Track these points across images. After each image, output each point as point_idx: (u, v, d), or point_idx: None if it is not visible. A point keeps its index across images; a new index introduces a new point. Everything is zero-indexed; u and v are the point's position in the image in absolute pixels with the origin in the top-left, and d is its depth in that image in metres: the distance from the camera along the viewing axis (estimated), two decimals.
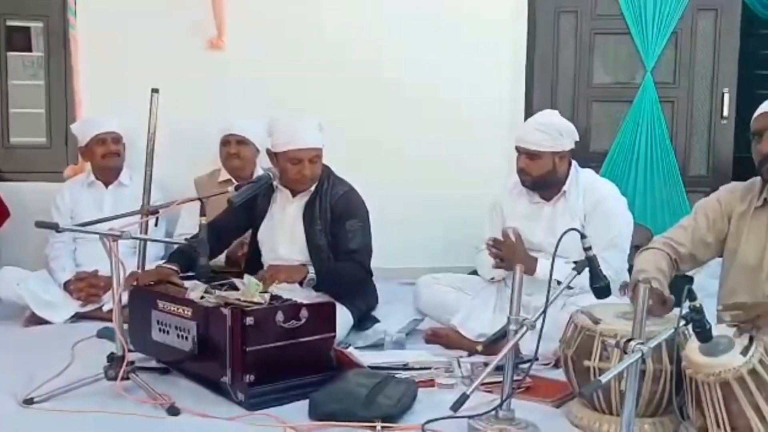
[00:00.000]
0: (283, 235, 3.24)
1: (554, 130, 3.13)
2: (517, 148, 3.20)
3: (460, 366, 2.85)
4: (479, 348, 2.99)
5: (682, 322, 2.07)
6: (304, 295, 2.92)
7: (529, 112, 4.43)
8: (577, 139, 3.22)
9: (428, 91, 4.45)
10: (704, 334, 2.09)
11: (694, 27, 4.71)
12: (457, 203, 4.29)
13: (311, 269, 3.05)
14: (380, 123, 4.43)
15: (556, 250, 2.31)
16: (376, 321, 3.33)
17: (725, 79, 4.74)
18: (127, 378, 2.55)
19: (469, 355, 3.05)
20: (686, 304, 2.06)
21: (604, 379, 1.91)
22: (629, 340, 2.00)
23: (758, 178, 2.52)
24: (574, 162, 3.24)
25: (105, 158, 3.91)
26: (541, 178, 3.16)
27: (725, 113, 4.73)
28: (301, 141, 3.12)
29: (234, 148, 4.00)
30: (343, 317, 3.09)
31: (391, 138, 4.44)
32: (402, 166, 4.45)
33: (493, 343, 3.03)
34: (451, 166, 4.47)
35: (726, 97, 4.71)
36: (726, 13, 4.71)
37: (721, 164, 4.78)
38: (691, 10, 4.64)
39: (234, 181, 3.90)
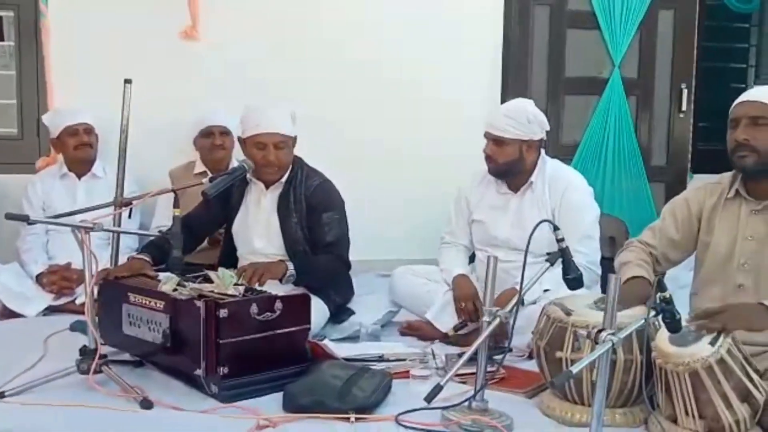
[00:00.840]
0: (259, 228, 3.22)
1: (523, 117, 3.12)
2: (485, 134, 3.20)
3: (434, 357, 2.86)
4: (450, 333, 3.02)
5: (652, 313, 2.10)
6: (281, 288, 2.91)
7: None
8: (548, 129, 3.23)
9: (408, 90, 4.46)
10: (674, 325, 2.12)
11: (655, 24, 4.86)
12: (434, 195, 4.29)
13: (290, 265, 3.02)
14: (369, 120, 4.43)
15: (528, 244, 2.32)
16: (352, 313, 3.33)
17: (683, 75, 4.93)
18: (100, 371, 2.53)
19: (444, 338, 3.06)
20: (657, 295, 2.09)
21: (575, 369, 1.93)
22: (600, 331, 2.02)
23: (728, 174, 2.55)
24: (542, 152, 3.24)
25: (77, 150, 3.87)
26: (506, 166, 3.16)
27: (683, 107, 4.93)
28: (266, 125, 3.09)
29: (219, 139, 3.98)
30: (319, 310, 3.08)
31: (377, 133, 4.44)
32: (384, 161, 4.45)
33: (466, 332, 3.06)
34: (430, 160, 4.48)
35: (684, 92, 4.92)
36: (683, 11, 4.89)
37: (678, 156, 5.01)
38: (654, 8, 4.78)
39: (210, 172, 3.88)
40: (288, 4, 4.36)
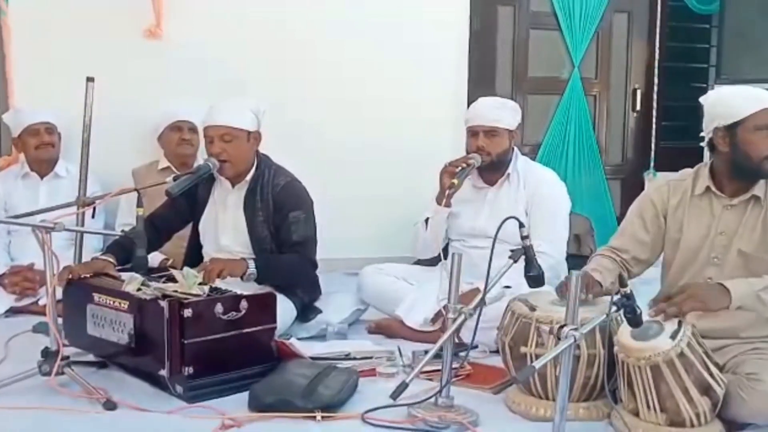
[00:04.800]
0: (225, 225, 3.20)
1: (509, 107, 3.26)
2: (473, 128, 3.23)
3: (401, 355, 2.87)
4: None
5: (614, 308, 2.12)
6: (248, 288, 2.90)
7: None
8: (520, 120, 3.32)
9: (375, 90, 4.48)
10: (635, 319, 2.15)
11: (611, 28, 5.08)
12: (401, 195, 4.32)
13: (252, 263, 3.00)
14: (336, 120, 4.43)
15: (495, 237, 2.35)
16: (319, 312, 3.32)
17: (637, 77, 5.19)
18: (63, 373, 2.50)
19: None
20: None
21: (537, 364, 1.95)
22: (562, 326, 2.05)
23: (689, 171, 2.57)
24: (514, 147, 3.32)
25: (38, 149, 3.81)
26: (499, 157, 3.22)
27: (637, 107, 5.20)
28: (210, 118, 3.09)
29: (187, 134, 3.95)
30: (286, 309, 3.07)
31: (344, 132, 4.44)
32: (350, 161, 4.45)
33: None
34: (396, 159, 4.50)
35: (638, 92, 5.18)
36: (637, 16, 5.12)
37: (633, 154, 5.27)
38: (610, 12, 4.97)
39: (174, 168, 3.85)
40: (253, 4, 4.34)
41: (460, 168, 3.13)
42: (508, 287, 2.89)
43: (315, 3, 4.42)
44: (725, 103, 2.44)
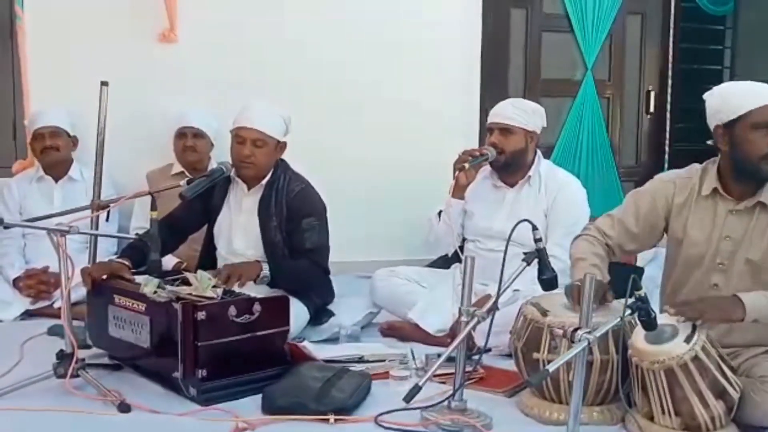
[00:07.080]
0: (239, 228, 3.21)
1: (528, 108, 3.29)
2: (490, 126, 3.28)
3: (414, 358, 2.87)
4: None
5: (628, 312, 2.11)
6: (261, 291, 2.91)
7: (483, 108, 4.49)
8: (545, 124, 3.35)
9: (387, 92, 4.48)
10: (649, 323, 2.14)
11: (625, 30, 5.09)
12: (414, 198, 4.31)
13: (266, 266, 3.02)
14: (349, 123, 4.43)
15: (509, 239, 2.34)
16: (332, 315, 3.32)
17: (651, 79, 5.22)
18: (77, 375, 2.52)
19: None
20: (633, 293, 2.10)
21: (551, 368, 1.94)
22: (576, 330, 2.04)
23: (696, 166, 2.51)
24: (538, 150, 3.33)
25: (42, 153, 3.82)
26: (513, 156, 3.23)
27: (651, 109, 5.22)
28: (246, 120, 3.10)
29: (190, 140, 3.96)
30: (299, 312, 3.08)
31: (358, 135, 4.45)
32: (362, 163, 4.45)
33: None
34: (409, 162, 4.49)
35: (652, 94, 5.20)
36: (651, 18, 5.14)
37: (646, 156, 5.31)
38: (623, 14, 4.98)
39: (186, 174, 3.87)
40: (266, 8, 4.35)
41: (473, 157, 3.18)
42: (517, 290, 2.88)
43: (328, 6, 4.43)
44: (724, 99, 2.35)
